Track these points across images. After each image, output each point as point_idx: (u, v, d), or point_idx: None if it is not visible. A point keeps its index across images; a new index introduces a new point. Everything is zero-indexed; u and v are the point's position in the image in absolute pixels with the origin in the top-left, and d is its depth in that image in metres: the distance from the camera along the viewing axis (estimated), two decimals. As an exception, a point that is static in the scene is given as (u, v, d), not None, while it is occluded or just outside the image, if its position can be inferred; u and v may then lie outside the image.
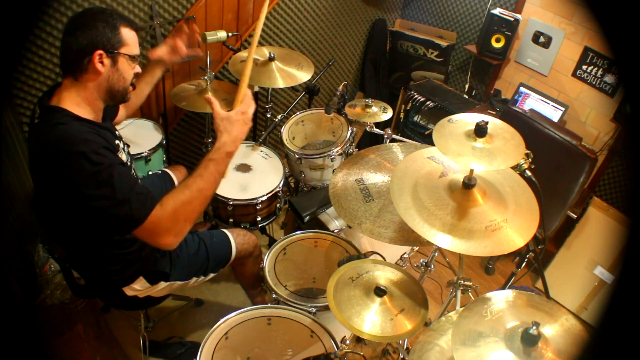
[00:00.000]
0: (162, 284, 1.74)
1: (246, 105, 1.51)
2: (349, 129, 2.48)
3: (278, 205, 2.39)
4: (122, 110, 1.85)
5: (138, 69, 1.50)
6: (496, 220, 1.35)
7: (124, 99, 1.50)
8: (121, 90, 1.46)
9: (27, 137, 1.51)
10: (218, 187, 1.47)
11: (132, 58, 1.44)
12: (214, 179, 1.42)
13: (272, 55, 2.44)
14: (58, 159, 1.28)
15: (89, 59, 1.36)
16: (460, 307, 1.75)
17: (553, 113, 2.95)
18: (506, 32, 3.03)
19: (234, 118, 1.46)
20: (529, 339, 1.11)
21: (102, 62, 1.37)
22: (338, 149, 2.37)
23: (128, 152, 1.66)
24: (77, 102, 1.40)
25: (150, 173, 2.21)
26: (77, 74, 1.38)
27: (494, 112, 3.01)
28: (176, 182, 2.16)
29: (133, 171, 1.66)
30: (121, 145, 1.60)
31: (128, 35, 1.42)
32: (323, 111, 2.43)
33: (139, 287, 1.69)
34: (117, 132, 1.63)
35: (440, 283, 2.62)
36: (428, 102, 3.24)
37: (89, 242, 1.53)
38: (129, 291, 1.68)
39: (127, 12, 2.29)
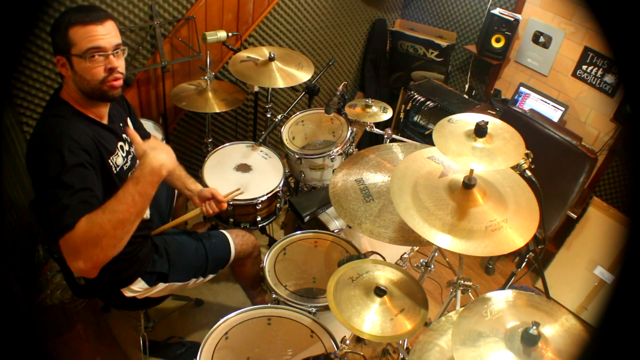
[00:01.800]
0: (161, 285, 1.74)
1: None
2: (349, 129, 2.48)
3: (278, 205, 2.39)
4: None
5: (113, 62, 1.39)
6: (496, 220, 1.35)
7: (105, 97, 1.44)
8: (89, 90, 1.41)
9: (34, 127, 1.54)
10: (141, 214, 1.30)
11: (81, 57, 1.35)
12: (131, 199, 1.26)
13: (272, 55, 2.44)
14: (40, 148, 1.32)
15: (56, 64, 1.41)
16: (460, 307, 1.75)
17: (553, 113, 2.95)
18: (506, 32, 3.03)
19: (154, 145, 1.38)
20: (529, 339, 1.11)
21: (64, 67, 1.39)
22: (338, 149, 2.37)
23: (132, 155, 1.65)
24: (76, 99, 1.45)
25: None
26: (61, 75, 1.44)
27: (494, 112, 3.01)
28: None
29: (132, 172, 1.64)
30: (125, 147, 1.59)
31: (77, 33, 1.34)
32: (323, 111, 2.43)
33: (137, 289, 1.68)
34: (124, 135, 1.61)
35: (440, 283, 2.62)
36: (428, 102, 3.24)
37: None
38: (127, 292, 1.67)
39: (127, 12, 2.29)
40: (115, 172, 1.50)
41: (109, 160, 1.47)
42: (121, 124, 1.64)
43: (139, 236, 1.68)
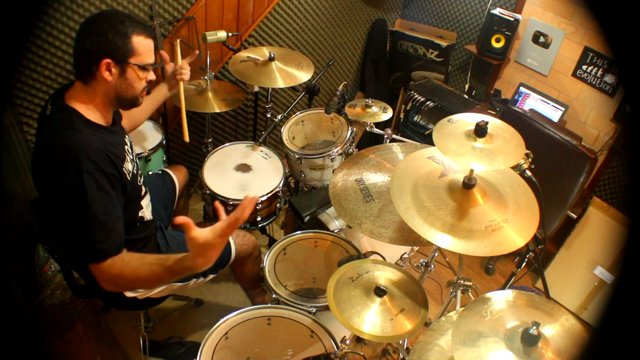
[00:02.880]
0: (162, 286, 1.74)
1: (230, 224, 1.22)
2: (349, 129, 2.48)
3: (278, 205, 2.39)
4: (125, 123, 1.77)
5: (152, 75, 1.47)
6: (496, 220, 1.35)
7: (133, 105, 1.49)
8: (130, 98, 1.45)
9: (37, 131, 1.48)
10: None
11: (142, 68, 1.41)
12: (163, 281, 1.43)
13: (272, 55, 2.44)
14: (60, 163, 1.29)
15: (97, 66, 1.35)
16: (460, 307, 1.76)
17: (553, 113, 2.95)
18: (506, 32, 3.03)
19: (212, 243, 1.22)
20: (529, 339, 1.11)
21: (109, 71, 1.36)
22: (338, 149, 2.37)
23: (134, 156, 1.65)
24: (88, 106, 1.42)
25: (150, 173, 2.21)
26: (86, 78, 1.39)
27: (494, 112, 3.01)
28: (176, 182, 2.16)
29: (139, 173, 1.65)
30: (128, 147, 1.59)
31: (141, 44, 1.38)
32: (323, 111, 2.43)
33: (139, 290, 1.68)
34: (125, 137, 1.62)
35: (440, 283, 2.62)
36: (428, 102, 3.24)
37: None
38: (128, 292, 1.67)
39: (127, 12, 2.29)
40: (129, 179, 1.49)
41: (123, 169, 1.47)
42: (122, 125, 1.66)
43: (142, 237, 1.68)
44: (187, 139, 2.08)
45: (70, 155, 1.29)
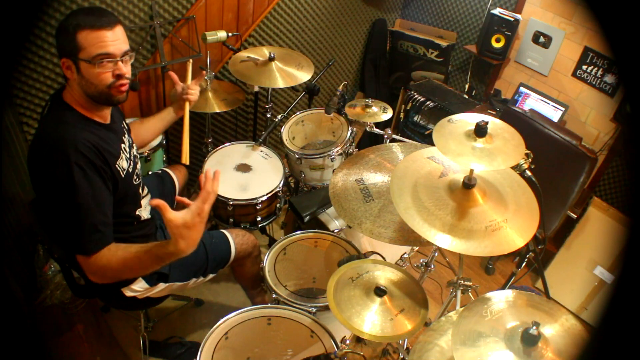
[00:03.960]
0: (161, 285, 1.74)
1: (203, 200, 1.30)
2: (349, 129, 2.48)
3: (278, 205, 2.39)
4: (135, 139, 1.81)
5: (120, 68, 1.40)
6: (496, 220, 1.35)
7: (110, 101, 1.45)
8: (96, 95, 1.41)
9: (37, 128, 1.53)
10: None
11: (91, 62, 1.34)
12: (147, 267, 1.39)
13: (272, 55, 2.44)
14: (49, 156, 1.32)
15: (61, 67, 1.39)
16: (460, 307, 1.75)
17: (553, 113, 2.95)
18: (506, 32, 3.03)
19: (191, 223, 1.28)
20: (529, 339, 1.11)
21: (70, 70, 1.38)
22: (338, 149, 2.37)
23: (133, 155, 1.65)
24: (79, 102, 1.44)
25: (150, 173, 2.21)
26: (65, 78, 1.42)
27: (494, 112, 3.01)
28: (176, 182, 2.16)
29: (136, 172, 1.65)
30: (125, 146, 1.59)
31: (86, 38, 1.33)
32: (323, 111, 2.43)
33: (137, 288, 1.68)
34: (124, 136, 1.61)
35: (440, 283, 2.62)
36: (428, 102, 3.24)
37: None
38: (127, 292, 1.67)
39: (127, 12, 2.29)
40: (122, 176, 1.50)
41: (116, 165, 1.47)
42: (122, 125, 1.66)
43: (140, 236, 1.69)
44: (186, 161, 1.89)
45: (59, 148, 1.31)
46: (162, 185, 2.09)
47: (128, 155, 1.59)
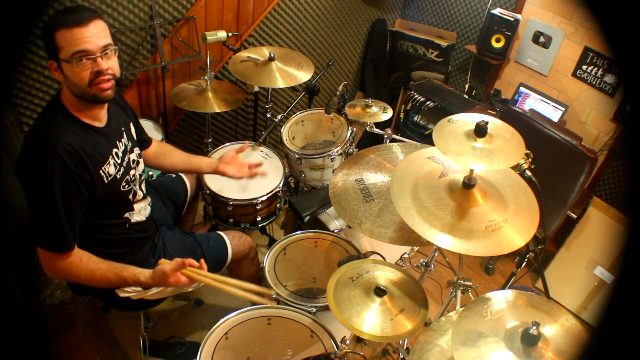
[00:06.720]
0: (155, 288, 1.72)
1: (176, 267, 1.50)
2: (349, 129, 2.48)
3: (278, 205, 2.39)
4: (151, 159, 1.92)
5: (101, 64, 1.36)
6: (496, 220, 1.35)
7: (95, 100, 1.42)
8: (80, 94, 1.39)
9: None
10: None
11: (68, 62, 1.33)
12: (112, 285, 1.54)
13: (272, 55, 2.44)
14: (27, 154, 1.37)
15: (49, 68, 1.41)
16: (460, 307, 1.76)
17: (553, 113, 2.95)
18: (506, 32, 3.03)
19: (169, 274, 1.49)
20: (529, 339, 1.11)
21: (57, 71, 1.39)
22: (338, 149, 2.37)
23: (129, 161, 1.62)
24: (73, 103, 1.44)
25: (150, 173, 2.21)
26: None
27: (494, 112, 3.01)
28: (188, 185, 2.16)
29: (127, 179, 1.59)
30: (119, 151, 1.56)
31: (63, 37, 1.31)
32: (323, 111, 2.43)
33: (130, 290, 1.67)
34: (121, 140, 1.59)
35: (440, 283, 2.62)
36: (428, 102, 3.24)
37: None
38: (121, 293, 1.66)
39: (127, 12, 2.29)
40: (105, 182, 1.48)
41: (100, 171, 1.45)
42: (123, 128, 1.63)
43: (136, 238, 1.68)
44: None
45: (39, 150, 1.35)
46: (172, 186, 2.11)
47: (119, 161, 1.54)
